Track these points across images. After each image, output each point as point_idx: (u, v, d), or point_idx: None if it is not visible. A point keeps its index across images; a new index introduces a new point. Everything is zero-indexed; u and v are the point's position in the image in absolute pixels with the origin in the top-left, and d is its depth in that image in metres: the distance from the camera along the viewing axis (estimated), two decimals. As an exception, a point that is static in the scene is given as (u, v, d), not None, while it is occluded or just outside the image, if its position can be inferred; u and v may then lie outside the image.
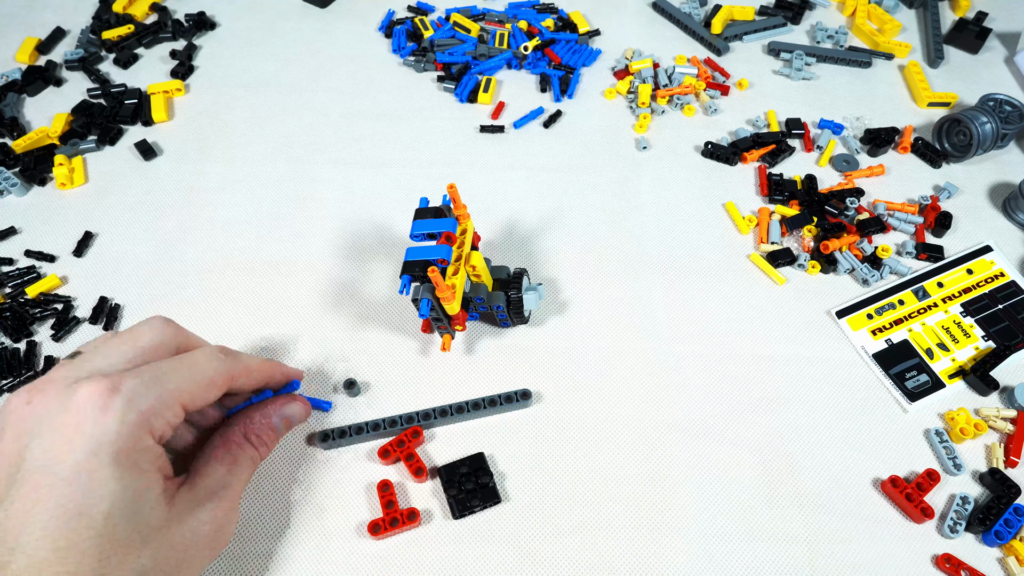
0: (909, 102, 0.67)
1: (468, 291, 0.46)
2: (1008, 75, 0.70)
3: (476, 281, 0.46)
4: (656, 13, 0.76)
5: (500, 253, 0.55)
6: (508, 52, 0.70)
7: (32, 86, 0.67)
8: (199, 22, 0.73)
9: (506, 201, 0.59)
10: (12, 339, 0.50)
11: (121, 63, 0.70)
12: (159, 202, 0.59)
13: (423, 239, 0.46)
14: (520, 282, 0.47)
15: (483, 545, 0.42)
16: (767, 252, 0.55)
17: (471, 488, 0.43)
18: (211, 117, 0.66)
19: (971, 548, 0.42)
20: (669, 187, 0.60)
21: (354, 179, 0.60)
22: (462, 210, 0.45)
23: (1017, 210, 0.58)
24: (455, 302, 0.43)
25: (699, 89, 0.67)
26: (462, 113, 0.66)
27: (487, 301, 0.46)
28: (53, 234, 0.57)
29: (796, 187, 0.59)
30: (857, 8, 0.74)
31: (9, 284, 0.53)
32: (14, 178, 0.59)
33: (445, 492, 0.43)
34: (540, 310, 0.52)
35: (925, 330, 0.52)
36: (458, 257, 0.44)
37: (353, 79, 0.69)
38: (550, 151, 0.63)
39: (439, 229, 0.45)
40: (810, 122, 0.65)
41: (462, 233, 0.45)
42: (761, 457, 0.45)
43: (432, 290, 0.42)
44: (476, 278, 0.46)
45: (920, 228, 0.57)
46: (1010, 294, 0.53)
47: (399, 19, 0.75)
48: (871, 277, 0.53)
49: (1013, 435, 0.46)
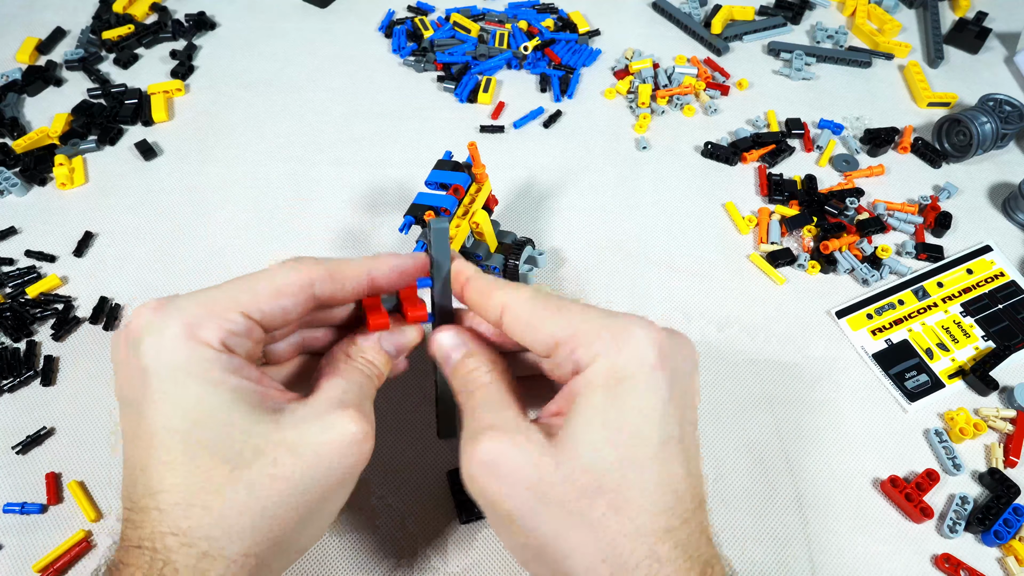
0: (909, 102, 0.67)
1: (470, 246, 0.47)
2: (1008, 75, 0.70)
3: (479, 240, 0.48)
4: (656, 13, 0.76)
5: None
6: (508, 52, 0.70)
7: (32, 86, 0.67)
8: (199, 22, 0.73)
9: (505, 202, 0.59)
10: (12, 339, 0.51)
11: (121, 63, 0.70)
12: (159, 202, 0.59)
13: (436, 187, 0.47)
14: (521, 251, 0.49)
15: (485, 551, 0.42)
16: (767, 252, 0.55)
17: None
18: (211, 117, 0.66)
19: (970, 548, 0.42)
20: (669, 187, 0.60)
21: (354, 179, 0.61)
22: (481, 169, 0.47)
23: (1017, 210, 0.58)
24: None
25: (699, 89, 0.67)
26: (462, 113, 0.66)
27: (485, 260, 0.48)
28: (53, 234, 0.57)
29: (796, 187, 0.59)
30: (857, 8, 0.74)
31: (9, 284, 0.53)
32: (14, 178, 0.59)
33: (454, 497, 0.43)
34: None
35: (925, 330, 0.52)
36: (464, 212, 0.45)
37: (353, 79, 0.69)
38: (550, 151, 0.63)
39: (451, 181, 0.46)
40: (810, 122, 0.65)
41: (476, 191, 0.46)
42: (760, 457, 0.45)
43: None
44: (479, 236, 0.48)
45: (920, 228, 0.57)
46: (1010, 294, 0.53)
47: (399, 19, 0.75)
48: (871, 277, 0.54)
49: (1012, 435, 0.46)
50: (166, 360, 0.30)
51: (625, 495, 0.28)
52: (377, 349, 0.36)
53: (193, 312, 0.31)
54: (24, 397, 0.48)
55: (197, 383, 0.30)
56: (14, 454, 0.45)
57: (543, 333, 0.32)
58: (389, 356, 0.37)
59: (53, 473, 0.44)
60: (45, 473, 0.44)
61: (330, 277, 0.35)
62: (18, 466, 0.45)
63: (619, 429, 0.29)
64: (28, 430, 0.46)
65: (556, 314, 0.32)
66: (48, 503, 0.43)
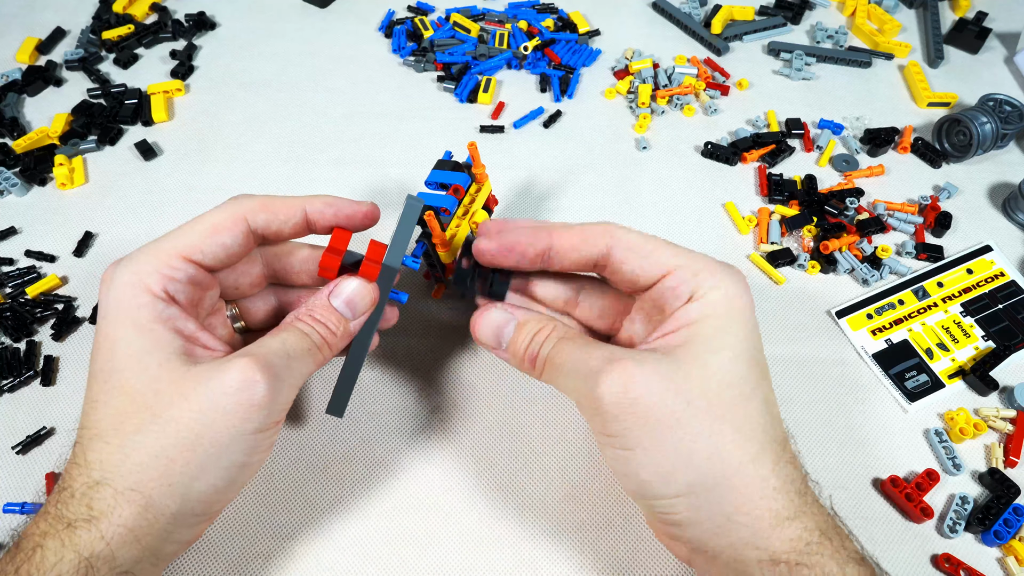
0: (909, 102, 0.67)
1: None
2: (1008, 75, 0.70)
3: None
4: (656, 13, 0.76)
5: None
6: (508, 52, 0.70)
7: (32, 86, 0.67)
8: (199, 22, 0.73)
9: (505, 201, 0.59)
10: (12, 339, 0.51)
11: (121, 63, 0.70)
12: (159, 202, 0.59)
13: (436, 188, 0.47)
14: None
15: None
16: (767, 252, 0.55)
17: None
18: (211, 117, 0.66)
19: (970, 548, 0.42)
20: (669, 187, 0.60)
21: (354, 179, 0.61)
22: (481, 169, 0.47)
23: (1017, 210, 0.58)
24: (449, 251, 0.44)
25: (699, 89, 0.67)
26: (462, 113, 0.66)
27: None
28: (53, 234, 0.57)
29: (796, 187, 0.59)
30: (857, 8, 0.74)
31: (9, 284, 0.53)
32: (14, 178, 0.59)
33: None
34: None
35: (925, 330, 0.52)
36: (464, 212, 0.45)
37: (353, 79, 0.69)
38: (550, 151, 0.63)
39: (451, 181, 0.46)
40: (810, 122, 0.65)
41: (476, 191, 0.46)
42: (761, 457, 0.45)
43: (430, 236, 0.44)
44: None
45: (920, 228, 0.57)
46: (1010, 294, 0.53)
47: (399, 19, 0.75)
48: (871, 277, 0.54)
49: (1012, 435, 0.46)
50: (112, 308, 0.34)
51: (747, 407, 0.33)
52: (326, 306, 0.37)
53: (140, 262, 0.35)
54: (24, 397, 0.48)
55: (127, 330, 0.33)
56: (14, 454, 0.45)
57: (655, 261, 0.35)
58: (341, 315, 0.37)
59: (53, 473, 0.44)
60: (45, 473, 0.44)
61: (262, 208, 0.37)
62: (18, 466, 0.45)
63: (740, 352, 0.33)
64: (28, 430, 0.46)
65: (667, 246, 0.36)
66: (48, 503, 0.43)
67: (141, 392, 0.32)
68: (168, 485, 0.32)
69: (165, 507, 0.32)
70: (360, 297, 0.38)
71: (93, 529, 0.31)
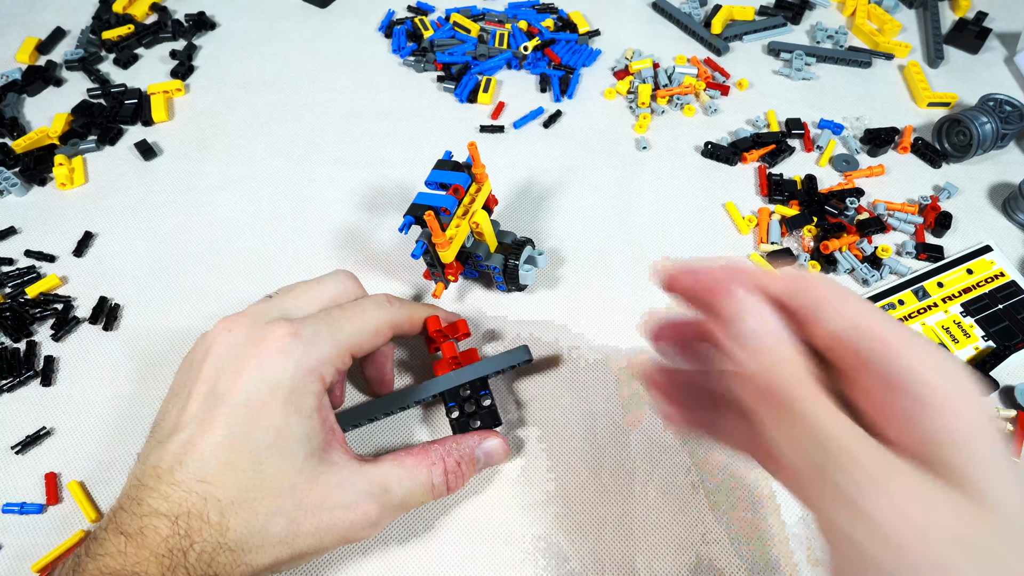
0: (909, 102, 0.67)
1: (470, 246, 0.48)
2: (1008, 75, 0.70)
3: (479, 240, 0.48)
4: (656, 13, 0.76)
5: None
6: (508, 52, 0.70)
7: (32, 86, 0.67)
8: (199, 22, 0.73)
9: (505, 201, 0.59)
10: (12, 339, 0.51)
11: (121, 63, 0.70)
12: (159, 202, 0.59)
13: (436, 188, 0.47)
14: (521, 251, 0.49)
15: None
16: (767, 252, 0.55)
17: (472, 412, 0.43)
18: (211, 117, 0.66)
19: (971, 548, 0.42)
20: (669, 187, 0.60)
21: (354, 179, 0.61)
22: (481, 169, 0.47)
23: (1017, 210, 0.58)
24: (449, 251, 0.44)
25: (699, 89, 0.67)
26: (462, 113, 0.66)
27: (485, 260, 0.48)
28: (53, 234, 0.57)
29: (796, 187, 0.59)
30: (857, 8, 0.74)
31: (9, 284, 0.53)
32: (14, 178, 0.59)
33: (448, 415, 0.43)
34: (539, 302, 0.52)
35: (925, 330, 0.52)
36: (464, 212, 0.46)
37: (353, 79, 0.69)
38: (550, 151, 0.63)
39: (451, 181, 0.46)
40: (810, 122, 0.65)
41: (476, 191, 0.47)
42: (761, 457, 0.45)
43: (430, 235, 0.44)
44: (479, 236, 0.48)
45: (920, 228, 0.57)
46: (1010, 294, 0.53)
47: (399, 19, 0.75)
48: (871, 277, 0.54)
49: (1013, 435, 0.46)
50: (285, 383, 0.34)
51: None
52: (470, 457, 0.40)
53: (323, 349, 0.36)
54: (24, 397, 0.48)
55: (290, 410, 0.34)
56: (13, 454, 0.45)
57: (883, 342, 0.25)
58: (476, 462, 0.41)
59: (53, 473, 0.44)
60: (44, 473, 0.44)
61: (409, 320, 0.42)
62: (17, 466, 0.45)
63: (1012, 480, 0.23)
64: (28, 430, 0.46)
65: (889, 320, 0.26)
66: (47, 503, 0.43)
67: (277, 478, 0.33)
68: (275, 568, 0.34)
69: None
70: (498, 455, 0.42)
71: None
